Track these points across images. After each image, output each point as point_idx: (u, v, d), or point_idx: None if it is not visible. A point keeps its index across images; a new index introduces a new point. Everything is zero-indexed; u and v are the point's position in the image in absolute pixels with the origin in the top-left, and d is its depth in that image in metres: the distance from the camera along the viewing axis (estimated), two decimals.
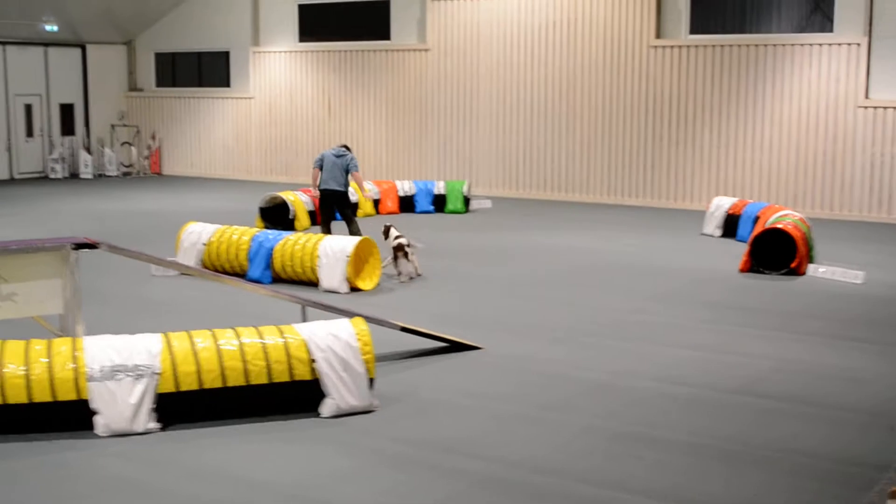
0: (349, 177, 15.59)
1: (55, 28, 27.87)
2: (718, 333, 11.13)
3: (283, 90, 27.97)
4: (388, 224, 14.48)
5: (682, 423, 8.16)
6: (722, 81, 22.22)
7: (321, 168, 15.56)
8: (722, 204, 18.42)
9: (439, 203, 21.53)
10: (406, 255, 13.88)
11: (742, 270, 14.76)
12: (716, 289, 13.63)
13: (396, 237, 13.99)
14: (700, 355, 10.22)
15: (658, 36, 22.94)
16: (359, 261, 13.58)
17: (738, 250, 15.96)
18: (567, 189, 24.06)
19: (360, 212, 20.55)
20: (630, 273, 14.69)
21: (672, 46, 22.66)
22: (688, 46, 22.53)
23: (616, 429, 7.98)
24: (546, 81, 24.09)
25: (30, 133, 28.99)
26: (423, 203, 21.48)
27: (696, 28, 22.69)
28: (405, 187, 21.69)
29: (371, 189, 21.28)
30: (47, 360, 7.76)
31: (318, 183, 15.64)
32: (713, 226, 18.33)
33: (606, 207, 22.64)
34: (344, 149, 15.79)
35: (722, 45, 22.16)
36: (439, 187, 21.67)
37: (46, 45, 29.00)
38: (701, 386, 9.17)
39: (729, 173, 22.29)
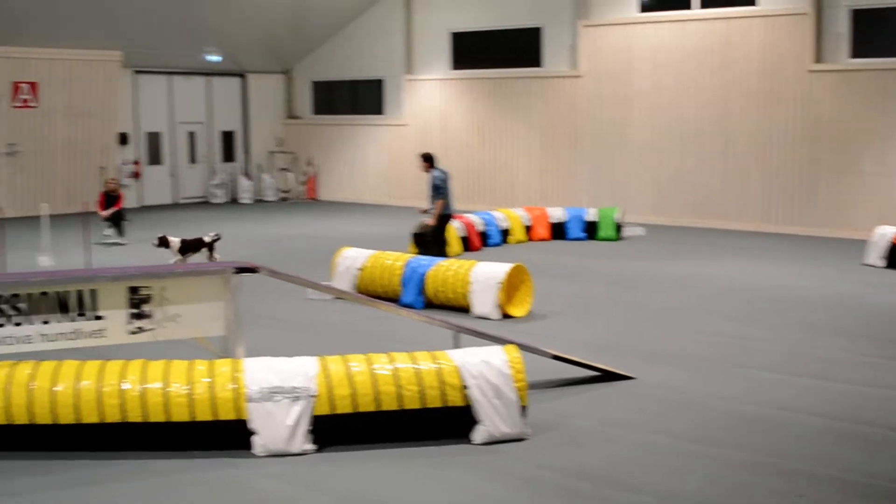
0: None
1: (218, 58, 28.87)
2: (878, 368, 10.72)
3: (436, 117, 28.28)
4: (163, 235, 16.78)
5: (842, 459, 7.88)
6: (885, 106, 21.49)
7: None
8: (886, 233, 17.77)
9: (591, 230, 21.39)
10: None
11: None
12: (877, 321, 13.14)
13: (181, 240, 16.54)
14: (860, 390, 9.86)
15: (817, 60, 22.36)
16: (511, 287, 13.60)
17: None
18: (721, 216, 23.60)
19: (511, 238, 20.63)
20: (787, 304, 14.30)
21: (832, 71, 22.05)
22: (848, 71, 21.88)
23: (773, 464, 7.76)
24: (700, 107, 23.73)
25: (193, 159, 30.04)
26: (575, 230, 21.38)
27: (857, 52, 22.03)
28: (556, 214, 21.64)
29: (523, 216, 21.30)
30: (209, 380, 8.01)
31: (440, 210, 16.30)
32: (876, 255, 17.70)
33: (762, 236, 22.12)
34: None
35: (885, 70, 21.44)
36: (591, 214, 21.54)
37: (209, 74, 30.06)
38: (861, 422, 8.85)
39: (893, 201, 21.51)
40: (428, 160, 16.45)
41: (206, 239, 17.12)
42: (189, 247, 16.76)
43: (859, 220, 21.72)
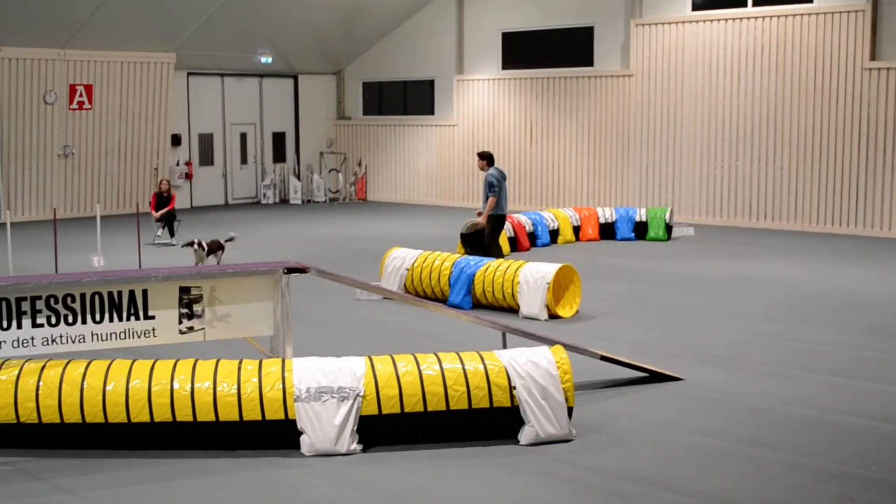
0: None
1: (269, 60, 29.09)
2: None
3: (486, 117, 28.28)
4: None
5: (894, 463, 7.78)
6: None
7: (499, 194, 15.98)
8: None
9: (640, 230, 21.28)
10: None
11: None
12: None
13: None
14: None
15: (873, 58, 22.06)
16: (559, 288, 13.57)
17: None
18: (774, 217, 23.37)
19: (560, 238, 20.59)
20: (841, 305, 14.13)
21: (889, 69, 21.75)
22: None
23: (825, 467, 7.67)
24: (753, 106, 23.52)
25: (244, 160, 30.28)
26: (624, 230, 21.27)
27: None
28: (606, 214, 21.55)
29: (571, 216, 21.24)
30: (257, 379, 8.07)
31: (490, 209, 16.04)
32: None
33: (816, 236, 21.86)
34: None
35: None
36: (641, 214, 21.42)
37: (261, 76, 30.29)
38: None
39: None
40: (485, 158, 16.32)
41: (222, 241, 17.39)
42: (211, 248, 17.05)
43: None
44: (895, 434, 8.49)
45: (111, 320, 8.63)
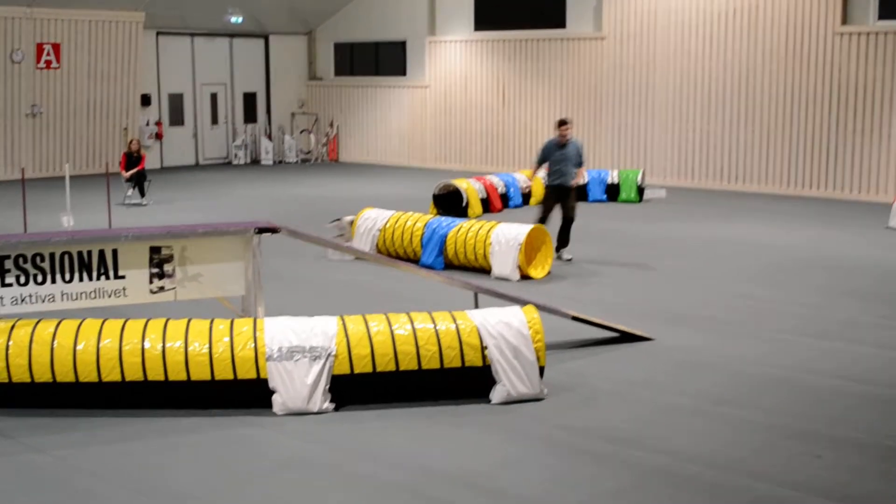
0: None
1: (240, 20, 28.81)
2: None
3: (458, 79, 28.17)
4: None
5: (862, 421, 7.87)
6: None
7: (543, 162, 14.52)
8: None
9: (612, 192, 21.32)
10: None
11: None
12: None
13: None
14: (881, 353, 9.83)
15: (844, 22, 22.11)
16: (531, 249, 13.59)
17: None
18: (745, 179, 23.47)
19: (533, 200, 20.60)
20: (813, 267, 14.24)
21: (859, 33, 21.80)
22: (876, 33, 21.63)
23: (792, 425, 7.76)
24: (725, 69, 23.54)
25: (215, 121, 30.06)
26: (597, 192, 21.30)
27: (884, 13, 21.76)
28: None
29: (544, 177, 21.23)
30: (229, 339, 8.05)
31: (535, 173, 15.09)
32: None
33: (786, 199, 21.99)
34: (563, 133, 14.31)
35: None
36: (613, 176, 21.46)
37: (231, 36, 30.01)
38: (881, 384, 8.83)
39: None
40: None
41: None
42: None
43: (883, 184, 21.58)
44: (864, 393, 8.59)
45: (81, 280, 8.59)
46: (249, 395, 8.01)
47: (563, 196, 14.44)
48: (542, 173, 15.03)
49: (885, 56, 21.52)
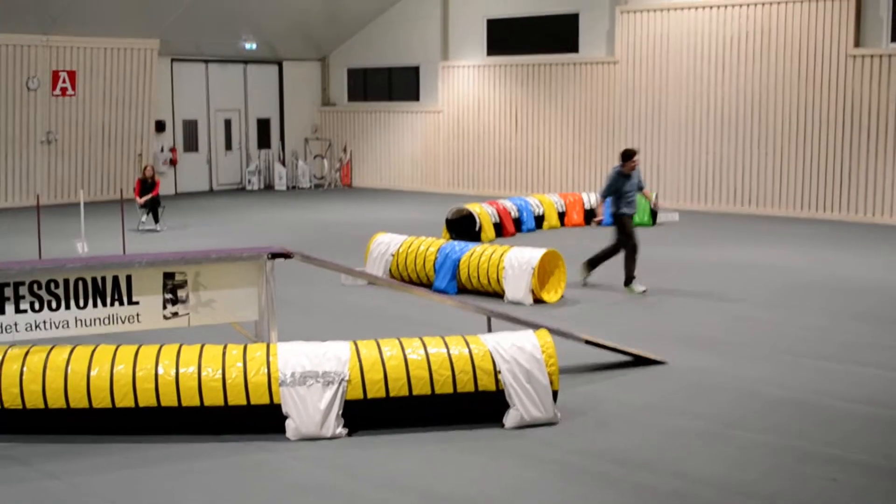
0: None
1: (254, 46, 28.99)
2: None
3: (471, 104, 28.25)
4: None
5: (879, 446, 7.82)
6: None
7: (612, 193, 14.36)
8: None
9: None
10: None
11: None
12: None
13: None
14: (887, 374, 9.78)
15: (857, 45, 22.12)
16: (544, 273, 13.59)
17: None
18: (758, 203, 23.44)
19: (545, 224, 20.60)
20: (826, 290, 14.19)
21: (872, 56, 21.81)
22: (889, 56, 21.63)
23: (807, 449, 7.72)
24: (737, 93, 23.56)
25: (229, 146, 30.20)
26: (609, 216, 21.23)
27: None
28: (591, 199, 21.58)
29: (556, 201, 21.27)
30: (242, 364, 8.06)
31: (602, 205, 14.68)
32: None
33: (800, 221, 21.94)
34: (624, 163, 14.19)
35: None
36: None
37: (246, 62, 30.19)
38: (888, 406, 8.78)
39: None
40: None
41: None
42: None
43: None
44: (878, 416, 8.55)
45: (95, 306, 8.61)
46: (263, 420, 8.01)
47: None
48: (604, 206, 14.72)
49: None
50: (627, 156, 14.33)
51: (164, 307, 8.88)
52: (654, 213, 21.17)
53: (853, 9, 21.96)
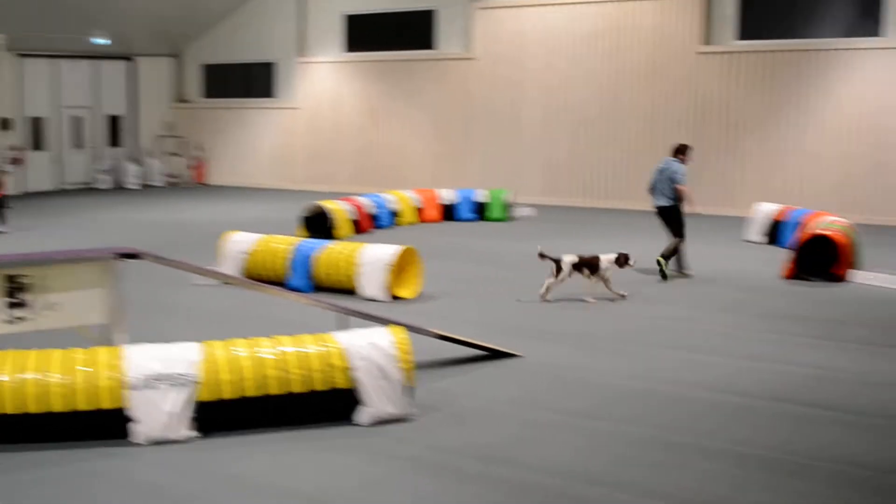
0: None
1: (105, 41, 28.25)
2: (764, 342, 11.02)
3: (329, 100, 28.12)
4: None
5: (728, 431, 8.06)
6: (769, 87, 22.03)
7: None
8: (766, 210, 18.26)
9: (481, 211, 21.53)
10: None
11: (786, 277, 14.63)
12: (759, 295, 13.51)
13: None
14: (745, 364, 10.11)
15: (704, 42, 22.79)
16: (399, 269, 13.61)
17: (782, 256, 15.81)
18: (611, 197, 23.94)
19: (402, 220, 20.64)
20: (671, 279, 14.58)
21: (719, 53, 22.49)
22: (735, 53, 22.35)
23: (661, 437, 7.90)
24: (591, 89, 24.02)
25: (78, 145, 29.38)
26: (465, 211, 21.49)
27: (744, 34, 22.51)
28: (447, 195, 21.74)
29: (413, 197, 21.35)
30: (89, 368, 7.84)
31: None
32: (756, 232, 18.18)
33: (650, 215, 22.40)
34: (674, 157, 15.30)
35: (769, 51, 21.98)
36: (481, 195, 21.68)
37: (96, 58, 29.40)
38: (745, 394, 9.08)
39: (774, 180, 22.07)
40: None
41: (605, 257, 13.55)
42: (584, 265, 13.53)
43: (741, 199, 22.26)
44: (724, 403, 8.81)
45: None
46: (111, 425, 7.79)
47: None
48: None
49: (744, 75, 22.26)
50: (683, 149, 15.40)
51: (7, 311, 8.58)
52: (508, 208, 21.44)
53: (702, 7, 22.61)
